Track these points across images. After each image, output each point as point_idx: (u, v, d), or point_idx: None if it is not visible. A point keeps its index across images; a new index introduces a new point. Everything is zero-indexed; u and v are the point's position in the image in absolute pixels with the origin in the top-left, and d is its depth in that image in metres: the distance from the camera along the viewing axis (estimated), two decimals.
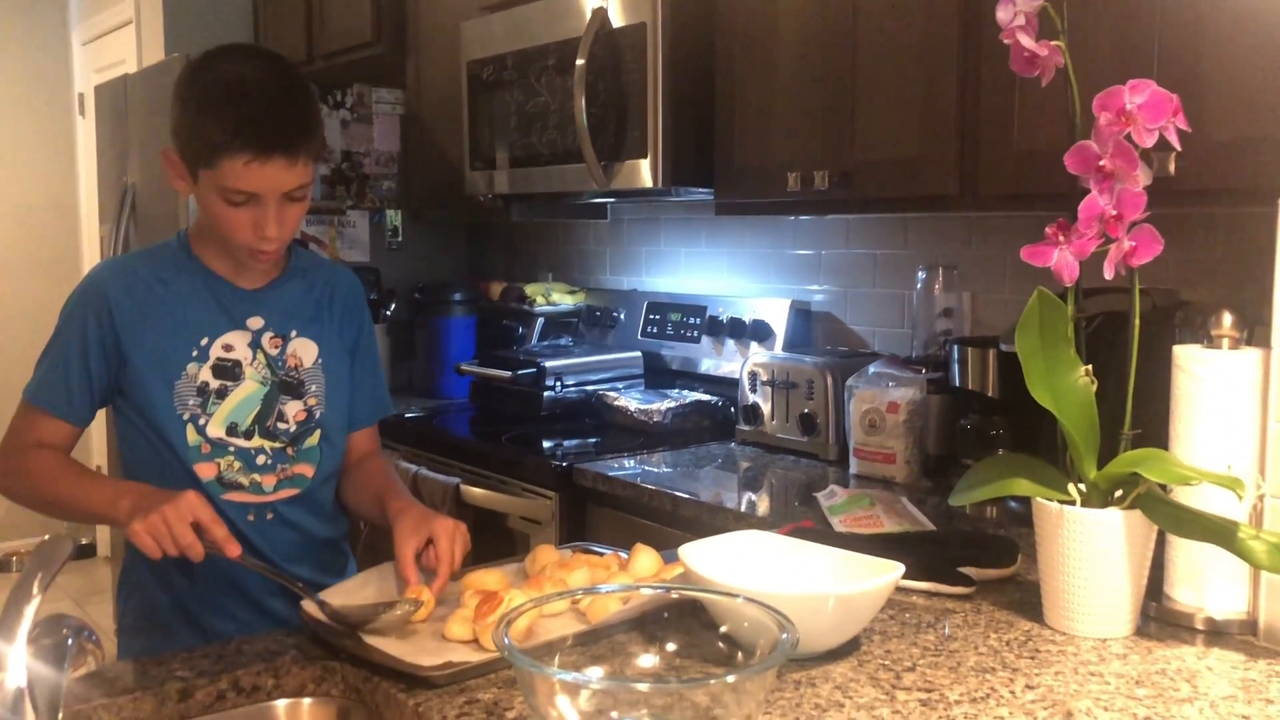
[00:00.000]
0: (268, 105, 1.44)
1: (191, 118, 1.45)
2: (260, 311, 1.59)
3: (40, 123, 5.31)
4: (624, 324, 3.17)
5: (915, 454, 2.14)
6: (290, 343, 1.61)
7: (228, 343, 1.56)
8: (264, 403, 1.58)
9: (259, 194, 1.45)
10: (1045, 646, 1.25)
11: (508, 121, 2.85)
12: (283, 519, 1.60)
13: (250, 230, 1.48)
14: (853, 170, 2.10)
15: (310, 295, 1.65)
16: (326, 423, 1.63)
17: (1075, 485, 1.31)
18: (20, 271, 5.29)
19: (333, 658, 1.22)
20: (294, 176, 1.46)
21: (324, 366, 1.63)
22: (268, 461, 1.58)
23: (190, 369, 1.54)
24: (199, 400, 1.54)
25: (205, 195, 1.48)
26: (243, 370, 1.57)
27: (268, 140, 1.42)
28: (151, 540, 1.33)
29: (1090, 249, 1.26)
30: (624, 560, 1.42)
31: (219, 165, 1.42)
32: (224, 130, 1.41)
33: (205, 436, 1.55)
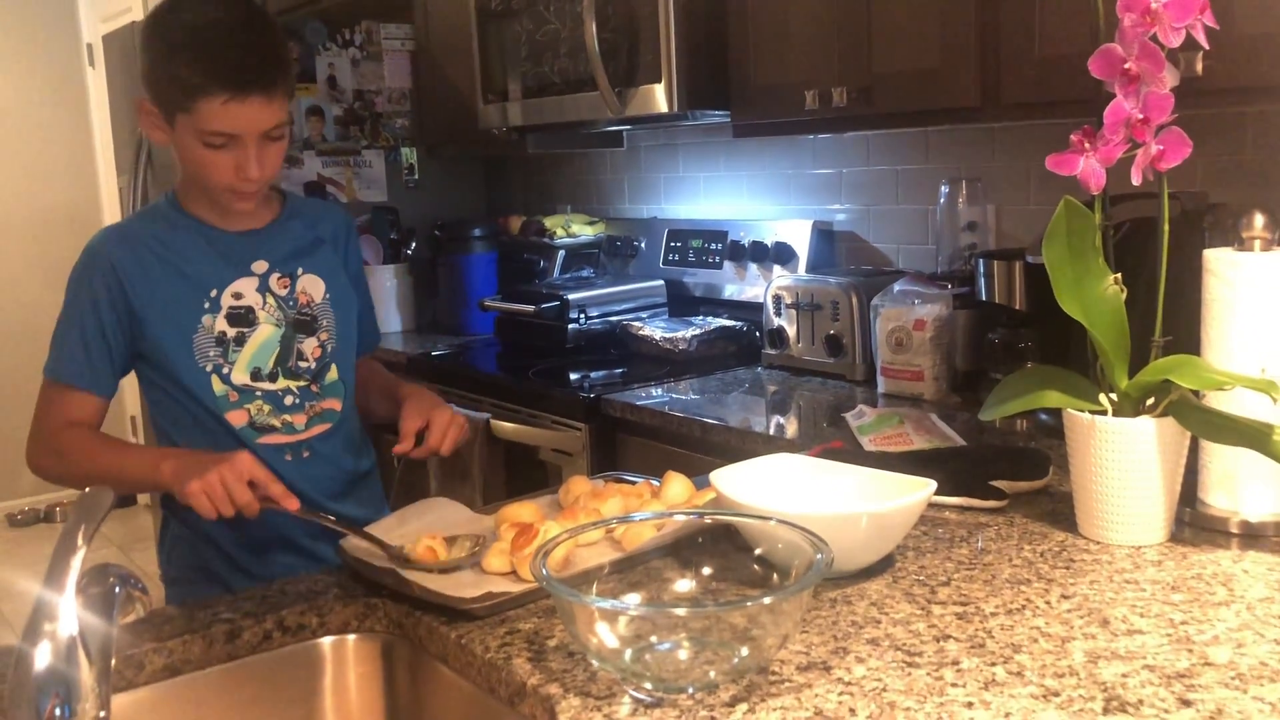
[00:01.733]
0: (240, 44, 1.44)
1: (163, 63, 1.45)
2: (262, 254, 1.60)
3: (50, 76, 5.29)
4: (645, 253, 3.15)
5: (943, 370, 2.13)
6: (298, 280, 1.62)
7: (237, 290, 1.58)
8: (282, 344, 1.60)
9: (238, 134, 1.45)
10: (1079, 556, 1.26)
11: (518, 52, 2.81)
12: (319, 455, 1.63)
13: (232, 172, 1.48)
14: (871, 85, 2.07)
15: (310, 233, 1.66)
16: (341, 355, 1.65)
17: (1106, 395, 1.30)
18: (41, 229, 5.31)
19: (374, 594, 1.24)
20: (271, 114, 1.46)
21: (332, 301, 1.65)
22: (295, 401, 1.61)
23: (205, 321, 1.56)
24: (219, 350, 1.56)
25: (184, 141, 1.47)
26: (256, 315, 1.58)
27: (244, 78, 1.42)
28: (208, 501, 1.34)
29: (1117, 155, 1.23)
30: (656, 488, 1.44)
31: (196, 108, 1.42)
32: (199, 72, 1.41)
33: (231, 385, 1.57)
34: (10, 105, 5.20)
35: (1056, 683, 0.95)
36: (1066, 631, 1.06)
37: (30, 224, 5.29)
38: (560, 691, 0.97)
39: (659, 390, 2.41)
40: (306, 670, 1.21)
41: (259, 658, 1.18)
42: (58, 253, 5.33)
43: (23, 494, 5.32)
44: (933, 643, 1.04)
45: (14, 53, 5.19)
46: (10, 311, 5.25)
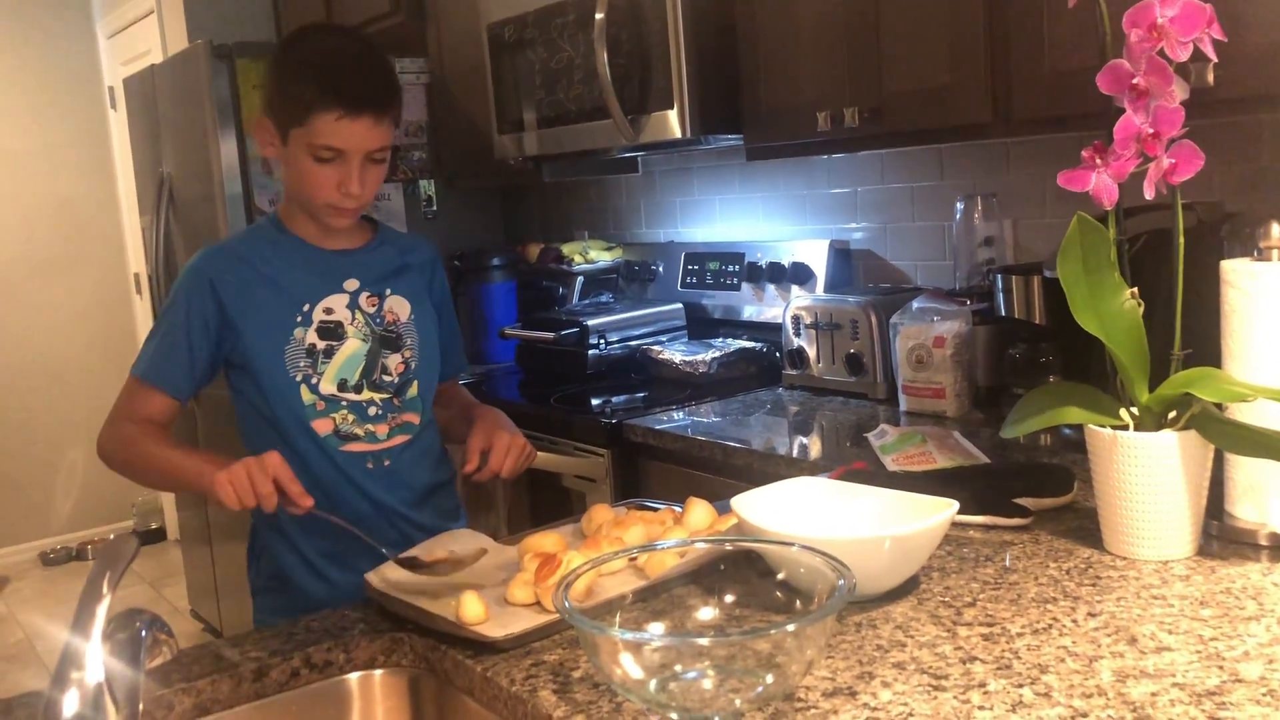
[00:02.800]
0: (358, 69, 1.59)
1: (286, 83, 1.58)
2: (355, 273, 1.70)
3: (74, 119, 5.37)
4: (663, 276, 3.16)
5: (965, 387, 2.12)
6: (386, 300, 1.72)
7: (328, 306, 1.68)
8: (367, 358, 1.69)
9: (345, 151, 1.57)
10: (1106, 573, 1.25)
11: (532, 81, 2.83)
12: (398, 465, 1.71)
13: (334, 188, 1.59)
14: (882, 104, 2.07)
15: (399, 259, 1.76)
16: (422, 374, 1.74)
17: (1128, 410, 1.30)
18: (66, 269, 5.38)
19: (400, 629, 1.24)
20: (378, 136, 1.59)
21: (416, 322, 1.74)
22: (378, 412, 1.69)
23: (297, 333, 1.65)
24: (309, 361, 1.65)
25: (294, 155, 1.59)
26: (345, 330, 1.68)
27: (358, 98, 1.55)
28: (232, 490, 1.44)
29: (1129, 170, 1.23)
30: (678, 514, 1.44)
31: (311, 122, 1.55)
32: (317, 89, 1.54)
33: (319, 394, 1.66)
34: (36, 147, 5.28)
35: (1085, 703, 0.95)
36: (1094, 650, 1.05)
37: (57, 264, 5.36)
38: None
39: (680, 413, 2.41)
40: (335, 707, 1.21)
41: (287, 695, 1.19)
42: (83, 292, 5.41)
43: (54, 532, 5.37)
44: (959, 665, 1.03)
45: (38, 97, 5.28)
46: (38, 349, 5.31)
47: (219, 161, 3.44)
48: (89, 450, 5.89)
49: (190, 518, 4.29)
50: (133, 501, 5.46)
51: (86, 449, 5.38)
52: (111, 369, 5.45)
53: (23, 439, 5.26)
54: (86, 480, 5.42)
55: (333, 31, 1.68)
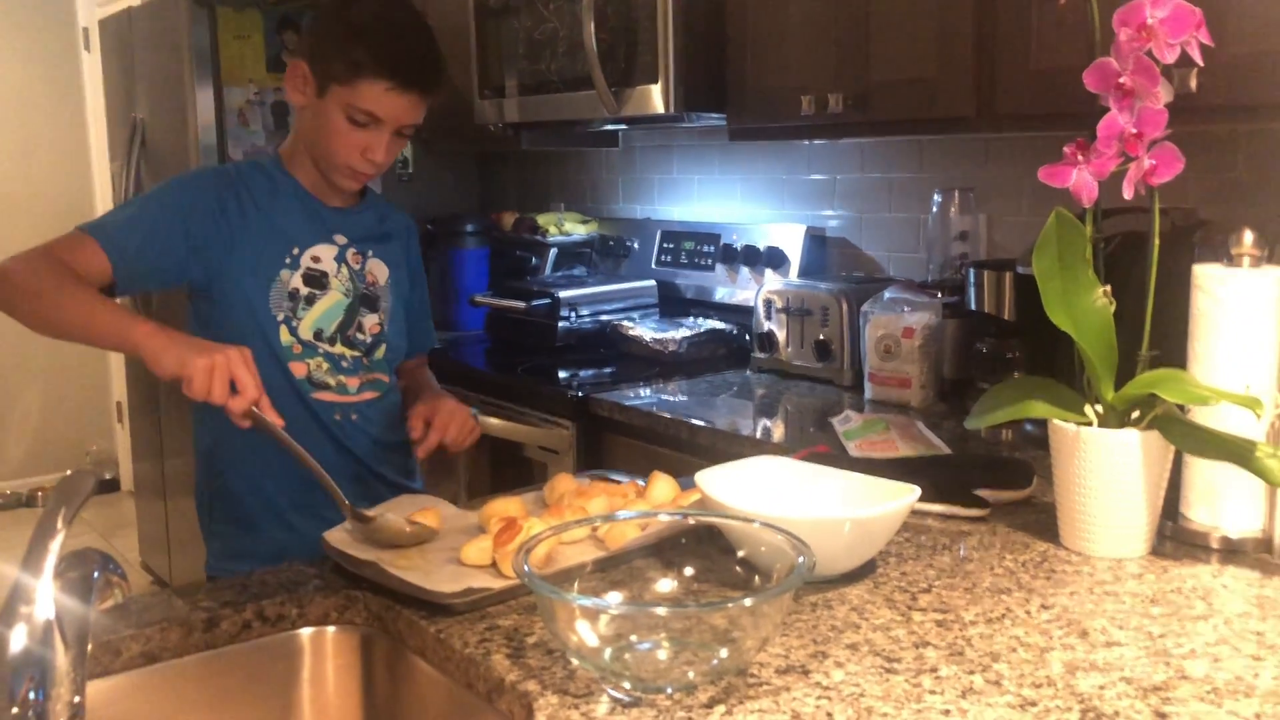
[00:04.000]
0: (417, 44, 1.60)
1: (339, 39, 1.57)
2: (344, 230, 1.71)
3: (45, 60, 5.27)
4: (637, 253, 3.15)
5: (931, 378, 2.13)
6: (368, 260, 1.72)
7: (316, 254, 1.67)
8: (346, 313, 1.69)
9: (382, 120, 1.58)
10: (1061, 567, 1.26)
11: (516, 49, 2.81)
12: (364, 420, 1.71)
13: (358, 152, 1.60)
14: (867, 92, 2.07)
15: (381, 225, 1.77)
16: (391, 337, 1.74)
17: (1092, 406, 1.31)
18: (32, 211, 5.28)
19: (355, 587, 1.23)
20: (416, 113, 1.61)
21: (392, 288, 1.75)
22: (350, 366, 1.69)
23: (284, 275, 1.64)
24: (290, 305, 1.65)
25: (327, 111, 1.58)
26: (329, 280, 1.68)
27: (411, 74, 1.56)
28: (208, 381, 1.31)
29: (1110, 169, 1.24)
30: (641, 488, 1.43)
31: (357, 85, 1.55)
32: (375, 56, 1.54)
33: (297, 337, 1.65)
34: (5, 88, 5.18)
35: (1034, 693, 0.96)
36: (1045, 642, 1.06)
37: (22, 206, 5.26)
38: (538, 689, 0.97)
39: (647, 390, 2.41)
40: (285, 661, 1.20)
41: (237, 647, 1.18)
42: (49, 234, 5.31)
43: (4, 477, 5.30)
44: (912, 649, 1.04)
45: (9, 36, 5.17)
46: None
47: (194, 111, 3.39)
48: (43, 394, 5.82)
49: (146, 469, 4.24)
50: (87, 450, 5.40)
51: (41, 393, 5.32)
52: None
53: None
54: (40, 425, 5.34)
55: (395, 1, 1.66)
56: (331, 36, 1.59)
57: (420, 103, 1.60)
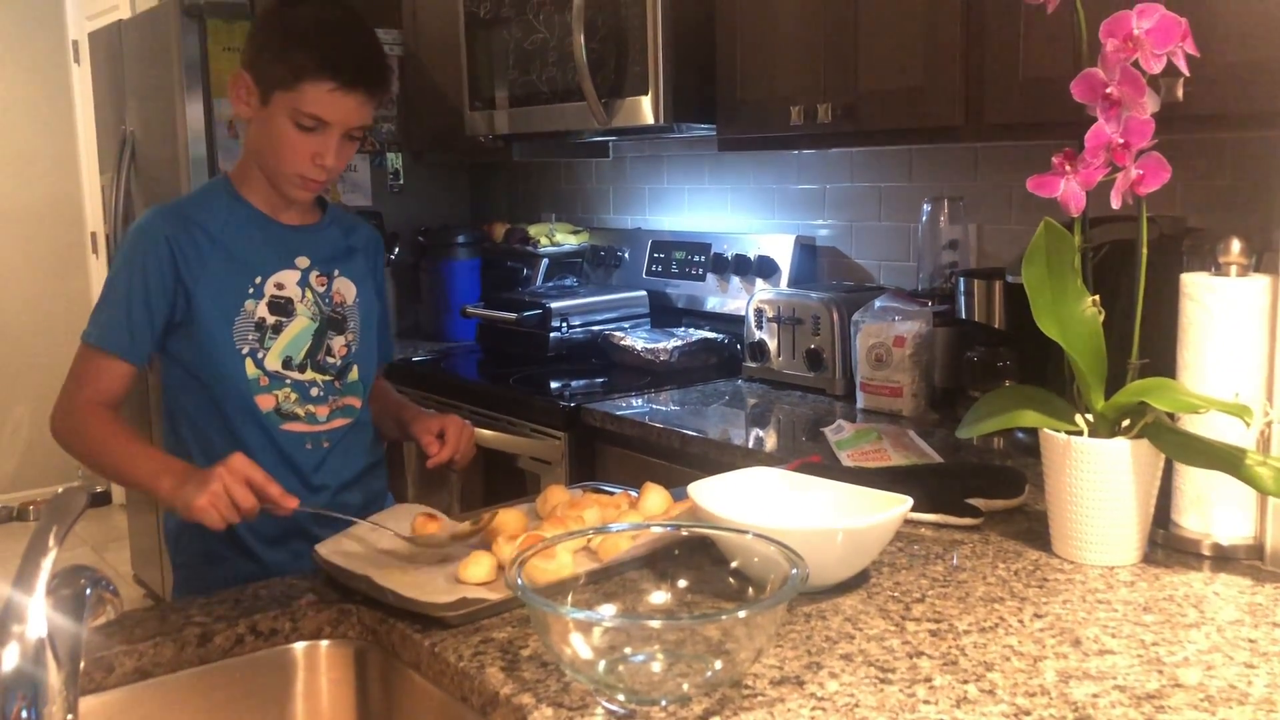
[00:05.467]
0: (358, 44, 1.58)
1: (278, 45, 1.55)
2: (305, 251, 1.67)
3: (35, 72, 5.25)
4: (628, 263, 3.16)
5: (922, 387, 2.14)
6: (334, 281, 1.69)
7: (280, 281, 1.64)
8: (314, 338, 1.66)
9: (329, 123, 1.55)
10: (1053, 575, 1.27)
11: (506, 60, 2.81)
12: (336, 447, 1.68)
13: (308, 159, 1.56)
14: (856, 102, 2.08)
15: (345, 240, 1.73)
16: (362, 357, 1.72)
17: (1082, 415, 1.31)
18: (21, 224, 5.28)
19: (348, 600, 1.23)
20: (363, 114, 1.57)
21: (360, 306, 1.72)
22: (320, 393, 1.66)
23: (248, 305, 1.61)
24: (257, 335, 1.61)
25: (273, 119, 1.55)
26: (295, 306, 1.65)
27: (355, 73, 1.54)
28: (216, 514, 1.36)
29: (1097, 178, 1.25)
30: (634, 499, 1.43)
31: (301, 89, 1.52)
32: (317, 57, 1.52)
33: (264, 369, 1.62)
34: None
35: (1028, 701, 0.96)
36: (1039, 650, 1.06)
37: (13, 217, 5.25)
38: (533, 701, 0.97)
39: (639, 400, 2.41)
40: (279, 675, 1.20)
41: (231, 662, 1.18)
42: (38, 249, 5.31)
43: None
44: (906, 659, 1.04)
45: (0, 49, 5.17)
46: None
47: (184, 123, 3.38)
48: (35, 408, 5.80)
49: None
50: (79, 464, 5.37)
51: (32, 407, 5.29)
52: (62, 328, 5.34)
53: None
54: (32, 439, 5.32)
55: (332, 3, 1.63)
56: (271, 43, 1.57)
57: (367, 102, 1.57)
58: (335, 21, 1.57)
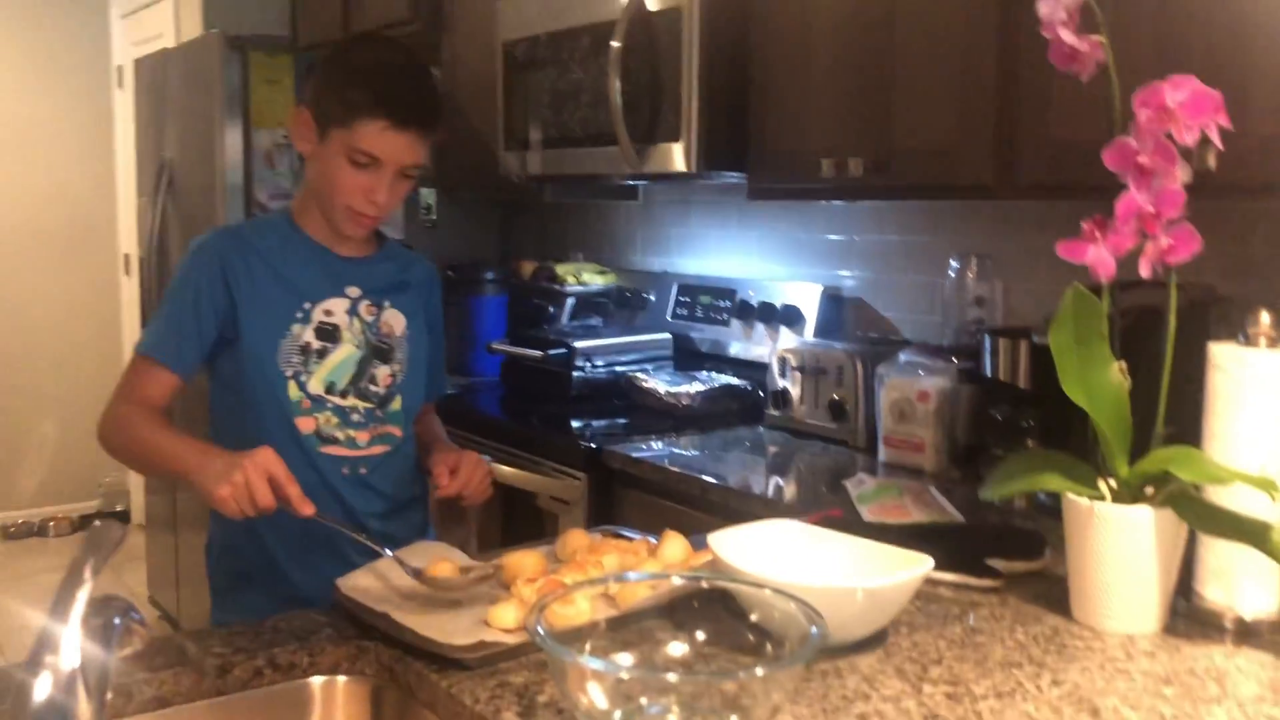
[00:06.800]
0: (412, 85, 1.63)
1: (338, 83, 1.61)
2: (358, 281, 1.72)
3: (78, 95, 5.35)
4: (654, 305, 3.17)
5: (944, 443, 2.14)
6: (384, 312, 1.73)
7: (328, 308, 1.68)
8: (358, 365, 1.70)
9: (382, 161, 1.59)
10: (1072, 642, 1.26)
11: (542, 101, 2.85)
12: (374, 474, 1.71)
13: (361, 194, 1.61)
14: (888, 157, 2.10)
15: (401, 275, 1.78)
16: (407, 389, 1.74)
17: (1106, 481, 1.31)
18: (57, 244, 5.35)
19: (366, 637, 1.24)
20: (415, 153, 1.62)
21: (409, 338, 1.75)
22: (361, 419, 1.70)
23: (295, 329, 1.66)
24: (301, 359, 1.66)
25: (329, 155, 1.61)
26: (341, 334, 1.69)
27: (407, 112, 1.59)
28: (234, 504, 1.39)
29: (1127, 246, 1.25)
30: (653, 546, 1.44)
31: (355, 126, 1.57)
32: (371, 96, 1.57)
33: (306, 392, 1.66)
34: (39, 119, 5.26)
35: None
36: (1056, 719, 1.06)
37: (47, 238, 5.33)
38: None
39: (660, 444, 2.41)
40: (295, 709, 1.21)
41: (248, 694, 1.18)
42: (72, 268, 5.38)
43: (17, 506, 5.32)
44: None
45: (45, 70, 5.26)
46: (19, 320, 5.27)
47: (223, 152, 3.44)
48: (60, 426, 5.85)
49: (157, 502, 4.26)
50: (99, 482, 5.42)
51: (58, 424, 5.34)
52: (92, 347, 5.41)
53: None
54: (55, 456, 5.36)
55: (392, 45, 1.72)
56: (331, 82, 1.63)
57: (418, 141, 1.61)
58: (392, 62, 1.64)
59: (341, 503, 1.67)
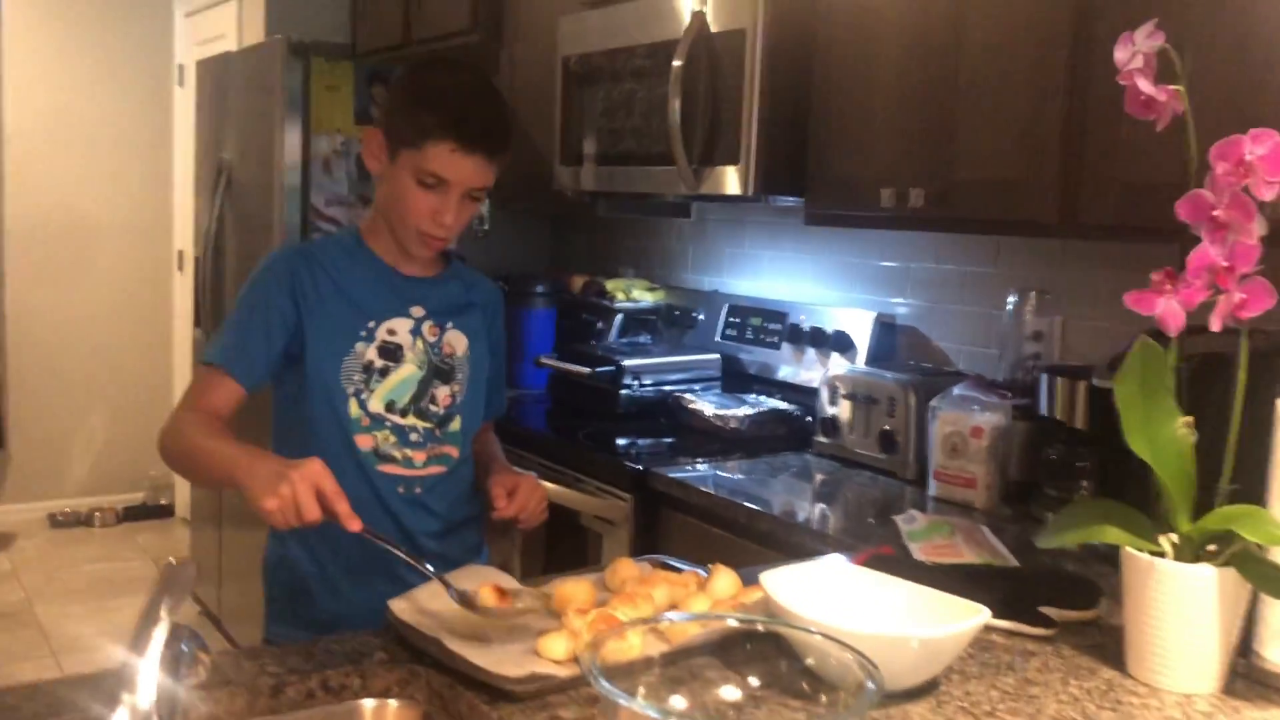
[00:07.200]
0: (482, 108, 1.65)
1: (410, 105, 1.64)
2: (422, 301, 1.73)
3: (139, 91, 5.44)
4: (703, 325, 3.17)
5: (996, 480, 2.11)
6: (447, 332, 1.75)
7: (392, 327, 1.70)
8: (419, 385, 1.71)
9: (449, 182, 1.61)
10: (1127, 698, 1.24)
11: (599, 118, 2.86)
12: (429, 494, 1.72)
13: (429, 216, 1.63)
14: (949, 190, 2.08)
15: (465, 295, 1.80)
16: (466, 409, 1.76)
17: (1167, 537, 1.29)
18: (111, 236, 5.44)
19: (418, 661, 1.25)
20: (482, 175, 1.63)
21: (470, 359, 1.77)
22: (419, 439, 1.71)
23: (358, 347, 1.67)
24: (363, 377, 1.67)
25: (398, 175, 1.63)
26: (404, 353, 1.70)
27: (475, 135, 1.60)
28: (280, 517, 1.36)
29: (1198, 300, 1.23)
30: (702, 579, 1.44)
31: (425, 148, 1.59)
32: (438, 118, 1.59)
33: (366, 410, 1.67)
34: (100, 114, 5.35)
35: None
36: None
37: (102, 230, 5.42)
38: None
39: (705, 466, 2.41)
40: None
41: (300, 714, 1.19)
42: (125, 261, 5.47)
43: (66, 495, 5.41)
44: None
45: (108, 65, 5.35)
46: (73, 311, 5.36)
47: (281, 155, 3.48)
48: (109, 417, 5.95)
49: (202, 497, 4.31)
50: (146, 474, 5.50)
51: (107, 416, 5.43)
52: (143, 340, 5.50)
53: (45, 398, 5.30)
54: (104, 447, 5.46)
55: (464, 68, 1.74)
56: (402, 103, 1.66)
57: (487, 165, 1.63)
58: (463, 86, 1.65)
59: (396, 521, 1.67)
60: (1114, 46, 1.30)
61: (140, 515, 5.43)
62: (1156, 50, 1.27)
